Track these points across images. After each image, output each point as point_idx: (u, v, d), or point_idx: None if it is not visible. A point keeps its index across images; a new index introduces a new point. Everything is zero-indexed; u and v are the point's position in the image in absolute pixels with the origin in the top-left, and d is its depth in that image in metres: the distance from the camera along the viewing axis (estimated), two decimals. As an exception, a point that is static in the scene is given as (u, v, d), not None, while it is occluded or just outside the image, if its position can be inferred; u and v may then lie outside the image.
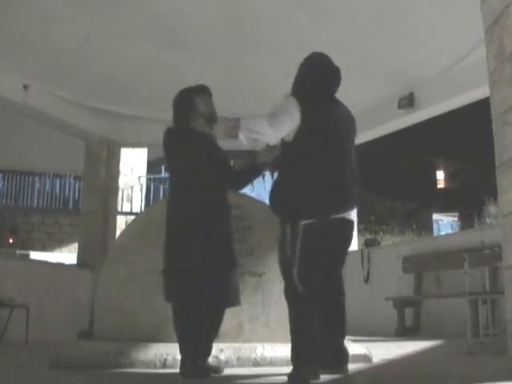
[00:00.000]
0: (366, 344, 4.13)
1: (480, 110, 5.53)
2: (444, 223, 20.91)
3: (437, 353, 4.91)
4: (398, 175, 23.82)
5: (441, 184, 29.35)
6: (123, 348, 3.54)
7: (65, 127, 8.34)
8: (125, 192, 10.08)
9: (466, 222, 18.17)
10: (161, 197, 14.59)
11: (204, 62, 7.00)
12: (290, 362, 3.08)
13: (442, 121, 9.70)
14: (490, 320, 4.67)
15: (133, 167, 10.23)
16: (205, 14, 6.33)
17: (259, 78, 7.08)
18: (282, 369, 3.29)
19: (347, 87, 3.67)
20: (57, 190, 16.02)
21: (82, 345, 3.75)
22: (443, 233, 18.22)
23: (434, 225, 20.82)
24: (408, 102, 7.55)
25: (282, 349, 3.58)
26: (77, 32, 6.41)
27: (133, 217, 8.31)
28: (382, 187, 21.73)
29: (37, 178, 15.81)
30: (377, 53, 6.78)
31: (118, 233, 8.42)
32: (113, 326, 3.74)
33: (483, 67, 3.19)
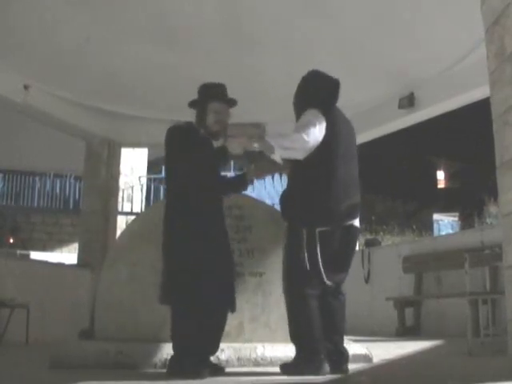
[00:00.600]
0: (367, 344, 4.13)
1: (480, 110, 5.54)
2: (444, 223, 20.90)
3: (437, 353, 4.91)
4: (399, 175, 23.81)
5: (441, 184, 29.34)
6: (123, 348, 3.54)
7: (65, 127, 8.34)
8: (125, 192, 10.08)
9: (467, 222, 18.17)
10: (161, 197, 14.59)
11: (204, 62, 7.00)
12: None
13: (442, 121, 9.69)
14: (491, 320, 4.67)
15: (133, 167, 10.24)
16: (205, 14, 6.34)
17: (259, 78, 7.08)
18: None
19: (347, 87, 3.68)
20: (57, 190, 16.02)
21: (83, 344, 3.75)
22: (443, 233, 18.21)
23: (435, 225, 20.81)
24: (408, 102, 7.56)
25: (283, 349, 3.59)
26: (77, 32, 6.42)
27: (133, 217, 8.31)
28: (383, 187, 21.73)
29: (37, 178, 15.82)
30: (377, 53, 6.78)
31: (119, 233, 8.43)
32: (113, 326, 3.74)
33: (483, 67, 3.19)
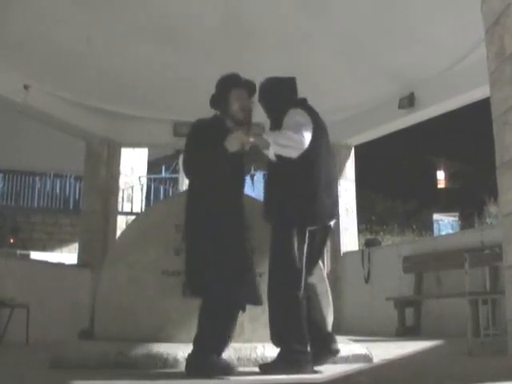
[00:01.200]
0: (367, 344, 4.13)
1: (480, 110, 5.54)
2: (444, 223, 20.87)
3: (437, 353, 4.91)
4: (399, 175, 23.82)
5: (441, 184, 29.32)
6: (123, 348, 3.54)
7: (65, 127, 8.35)
8: (125, 192, 10.06)
9: (467, 222, 18.16)
10: (161, 197, 14.59)
11: (204, 62, 7.01)
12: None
13: (442, 121, 9.70)
14: (491, 320, 4.67)
15: (133, 167, 10.22)
16: (205, 14, 6.35)
17: (259, 78, 7.07)
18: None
19: (347, 87, 3.68)
20: (57, 190, 16.01)
21: (83, 345, 3.75)
22: (444, 233, 18.19)
23: (435, 225, 20.78)
24: (408, 102, 7.57)
25: (283, 349, 3.58)
26: (77, 32, 6.42)
27: (133, 217, 8.30)
28: (383, 187, 21.75)
29: (37, 178, 15.81)
30: (377, 53, 6.79)
31: (119, 233, 8.43)
32: (113, 326, 3.74)
33: (483, 67, 3.19)
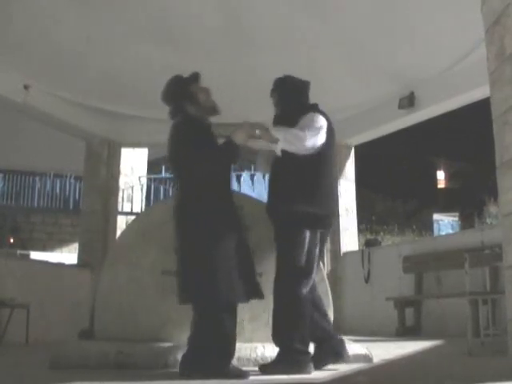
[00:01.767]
0: (367, 344, 4.13)
1: (480, 110, 5.54)
2: (444, 223, 20.87)
3: (437, 353, 4.91)
4: (398, 175, 23.82)
5: (441, 184, 29.32)
6: (124, 348, 3.54)
7: (65, 127, 8.35)
8: (125, 192, 10.06)
9: (467, 222, 18.16)
10: (161, 197, 14.58)
11: (204, 62, 6.99)
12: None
13: (442, 121, 9.70)
14: (491, 320, 4.67)
15: (133, 167, 10.21)
16: (205, 15, 6.34)
17: (259, 78, 7.07)
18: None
19: (348, 87, 3.68)
20: (57, 190, 16.01)
21: (83, 345, 3.75)
22: (444, 233, 18.19)
23: (435, 225, 20.78)
24: (408, 102, 7.56)
25: (283, 349, 3.58)
26: (77, 32, 6.42)
27: (133, 217, 8.30)
28: (383, 187, 21.75)
29: (37, 178, 15.81)
30: (377, 53, 6.78)
31: (119, 233, 8.42)
32: (113, 326, 3.74)
33: (483, 67, 3.19)
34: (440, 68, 6.93)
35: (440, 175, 29.36)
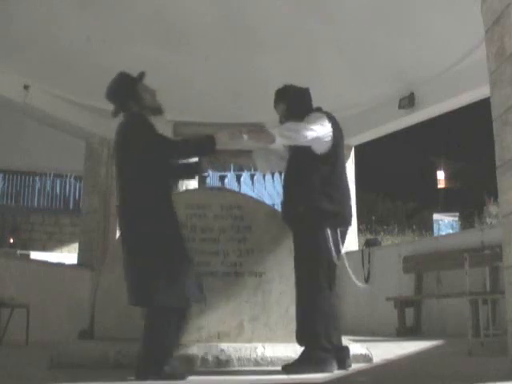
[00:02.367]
0: (367, 344, 4.12)
1: (480, 110, 5.54)
2: (445, 223, 20.86)
3: (437, 353, 4.91)
4: (399, 175, 23.82)
5: (441, 184, 29.30)
6: (123, 348, 3.54)
7: (65, 127, 8.35)
8: (125, 192, 10.09)
9: (467, 222, 18.16)
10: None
11: (204, 62, 7.01)
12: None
13: (442, 121, 9.70)
14: (491, 320, 4.66)
15: (133, 167, 10.25)
16: (205, 15, 6.34)
17: (259, 78, 7.08)
18: (283, 369, 3.30)
19: (348, 87, 3.68)
20: (57, 190, 16.00)
21: (83, 344, 3.75)
22: (444, 233, 18.18)
23: (435, 225, 20.78)
24: (408, 102, 7.56)
25: (283, 349, 3.58)
26: (77, 32, 6.42)
27: (133, 217, 8.30)
28: (383, 187, 21.75)
29: (37, 178, 15.80)
30: (377, 53, 6.78)
31: (119, 233, 8.42)
32: (113, 326, 3.74)
33: (483, 67, 3.19)
34: (440, 68, 6.93)
35: (440, 175, 29.34)
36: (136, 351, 3.19)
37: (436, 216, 21.27)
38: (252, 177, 16.31)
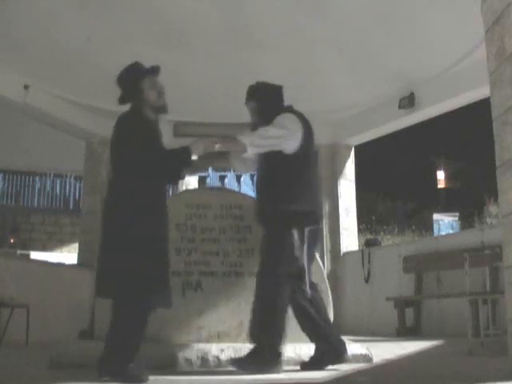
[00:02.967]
0: (367, 344, 4.12)
1: (480, 110, 5.54)
2: (445, 223, 20.86)
3: (437, 353, 4.91)
4: (398, 175, 23.82)
5: (441, 184, 29.29)
6: (123, 348, 3.53)
7: (65, 127, 8.35)
8: (125, 192, 10.10)
9: (467, 222, 18.16)
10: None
11: (204, 62, 7.01)
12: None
13: (442, 121, 9.70)
14: (491, 320, 4.66)
15: (133, 167, 10.25)
16: (205, 15, 6.34)
17: (259, 78, 7.08)
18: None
19: (348, 87, 3.68)
20: (57, 190, 16.00)
21: (82, 345, 3.75)
22: (444, 233, 18.18)
23: (435, 225, 20.78)
24: (408, 102, 7.56)
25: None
26: (77, 32, 6.42)
27: (133, 217, 8.30)
28: (383, 187, 21.74)
29: (37, 178, 15.80)
30: (377, 53, 6.78)
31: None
32: (113, 326, 3.73)
33: (483, 67, 3.19)
34: (440, 68, 6.93)
35: (440, 175, 29.33)
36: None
37: (436, 216, 21.27)
38: (252, 177, 16.30)
